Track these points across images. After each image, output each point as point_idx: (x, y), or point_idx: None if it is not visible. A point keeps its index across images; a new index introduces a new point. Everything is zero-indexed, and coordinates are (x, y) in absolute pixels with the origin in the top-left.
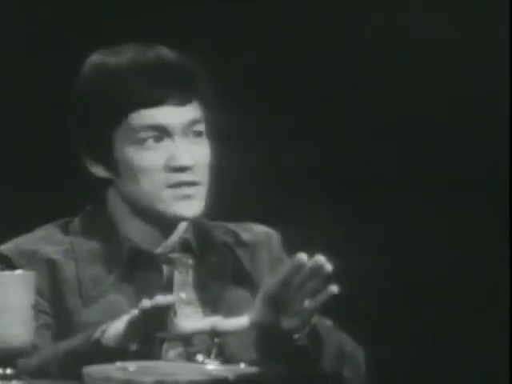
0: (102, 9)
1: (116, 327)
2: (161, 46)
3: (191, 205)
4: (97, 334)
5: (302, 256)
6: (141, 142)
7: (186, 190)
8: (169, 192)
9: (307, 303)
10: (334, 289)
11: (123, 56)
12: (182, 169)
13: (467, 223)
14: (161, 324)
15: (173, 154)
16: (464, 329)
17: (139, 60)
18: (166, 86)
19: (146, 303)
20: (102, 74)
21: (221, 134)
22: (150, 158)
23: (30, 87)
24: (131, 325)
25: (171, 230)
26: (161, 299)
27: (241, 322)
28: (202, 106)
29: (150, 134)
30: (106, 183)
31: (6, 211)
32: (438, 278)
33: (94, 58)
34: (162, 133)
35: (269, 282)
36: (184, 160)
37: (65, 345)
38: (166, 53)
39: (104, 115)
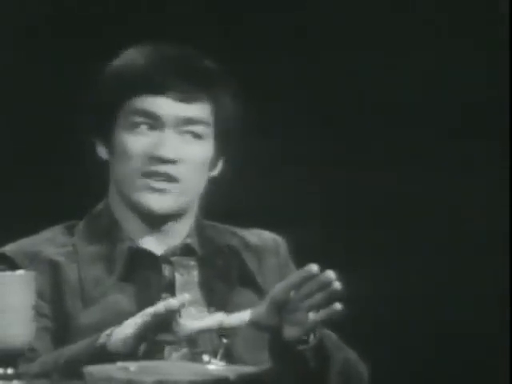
0: (102, 9)
1: (123, 332)
2: (188, 47)
3: (162, 199)
4: (101, 340)
5: (313, 267)
6: (134, 127)
7: (161, 184)
8: (143, 181)
9: (311, 315)
10: (337, 306)
11: (145, 48)
12: (162, 160)
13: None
14: (167, 326)
15: (157, 145)
16: (468, 356)
17: (157, 52)
18: (172, 79)
19: (160, 307)
20: (119, 58)
21: (230, 137)
22: (137, 143)
23: (32, 87)
24: (141, 329)
25: (169, 230)
26: (173, 302)
27: (244, 316)
28: (212, 109)
29: (144, 120)
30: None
31: (13, 212)
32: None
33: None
34: (154, 121)
35: (277, 285)
36: (166, 152)
37: (67, 351)
38: (188, 52)
39: (111, 94)
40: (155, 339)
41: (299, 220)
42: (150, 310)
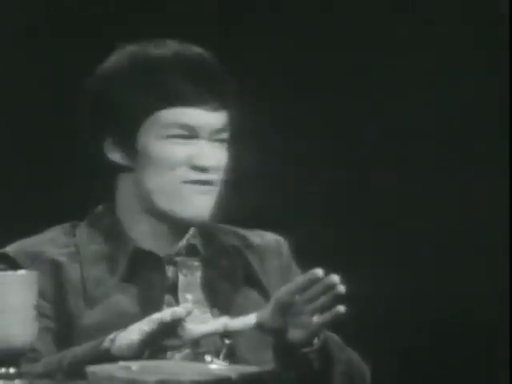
0: (102, 8)
1: (128, 337)
2: (198, 47)
3: (202, 210)
4: (106, 344)
5: (319, 271)
6: (168, 138)
7: (200, 197)
8: (184, 190)
9: (315, 319)
10: (341, 309)
11: (163, 50)
12: (204, 169)
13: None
14: (173, 332)
15: (197, 154)
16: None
17: (179, 57)
18: (202, 90)
19: (166, 316)
20: (141, 64)
21: (235, 137)
22: (174, 153)
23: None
24: (147, 336)
25: (178, 232)
26: (180, 311)
27: (249, 320)
28: (227, 115)
29: (179, 132)
30: (118, 176)
31: (16, 213)
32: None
33: (132, 48)
34: (190, 133)
35: (282, 288)
36: (207, 161)
37: (70, 353)
38: (204, 54)
39: (137, 105)
40: (161, 345)
41: (299, 220)
42: (156, 317)
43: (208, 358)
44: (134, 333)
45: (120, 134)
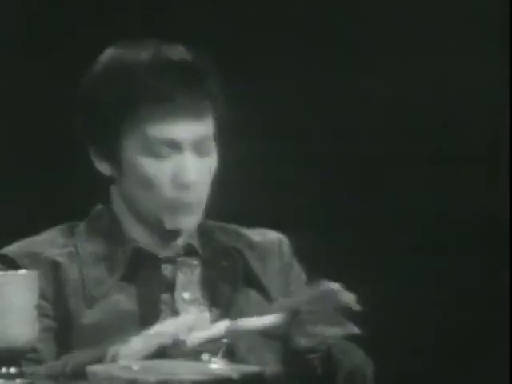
0: (103, 8)
1: (131, 354)
2: (178, 46)
3: (188, 219)
4: (108, 360)
5: (334, 284)
6: (151, 152)
7: (185, 209)
8: (168, 205)
9: (326, 330)
10: (354, 329)
11: (140, 55)
12: (187, 186)
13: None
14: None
15: (180, 170)
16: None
17: (156, 61)
18: (184, 100)
19: (168, 341)
20: (118, 70)
21: (227, 134)
22: (157, 169)
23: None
24: (150, 354)
25: (176, 232)
26: (181, 337)
27: (255, 323)
28: (213, 117)
29: (162, 146)
30: (111, 181)
31: (14, 213)
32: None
33: (110, 52)
34: (173, 147)
35: (297, 296)
36: (190, 177)
37: (72, 361)
38: (182, 54)
39: (114, 115)
40: (165, 355)
41: (298, 221)
42: (158, 338)
43: (205, 356)
44: (137, 352)
45: (104, 146)
